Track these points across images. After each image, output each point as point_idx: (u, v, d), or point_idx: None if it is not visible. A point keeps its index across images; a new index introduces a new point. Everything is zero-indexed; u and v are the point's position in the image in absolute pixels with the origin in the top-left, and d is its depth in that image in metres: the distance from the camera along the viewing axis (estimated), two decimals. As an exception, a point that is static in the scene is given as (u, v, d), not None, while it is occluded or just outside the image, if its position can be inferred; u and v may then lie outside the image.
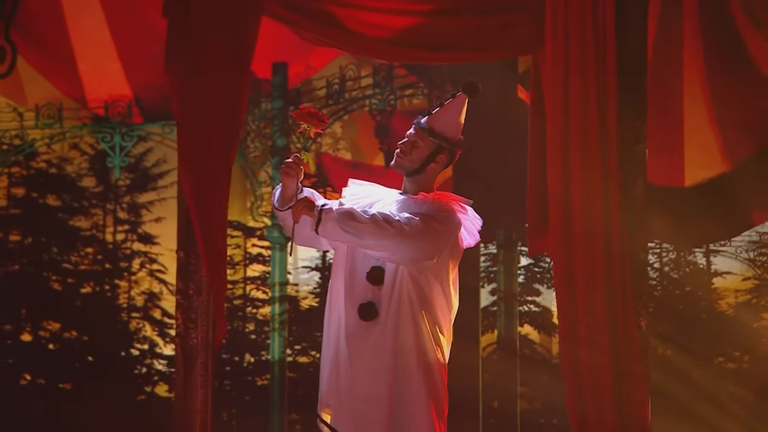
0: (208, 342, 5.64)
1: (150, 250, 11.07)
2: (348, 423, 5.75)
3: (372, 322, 5.65)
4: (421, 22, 5.62)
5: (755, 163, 8.76)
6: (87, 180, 10.98)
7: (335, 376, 5.76)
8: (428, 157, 5.76)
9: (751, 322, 10.26)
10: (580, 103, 5.53)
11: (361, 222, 5.56)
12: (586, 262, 5.53)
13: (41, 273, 10.71)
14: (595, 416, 5.55)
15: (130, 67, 10.33)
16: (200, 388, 5.63)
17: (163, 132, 10.54)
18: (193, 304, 5.60)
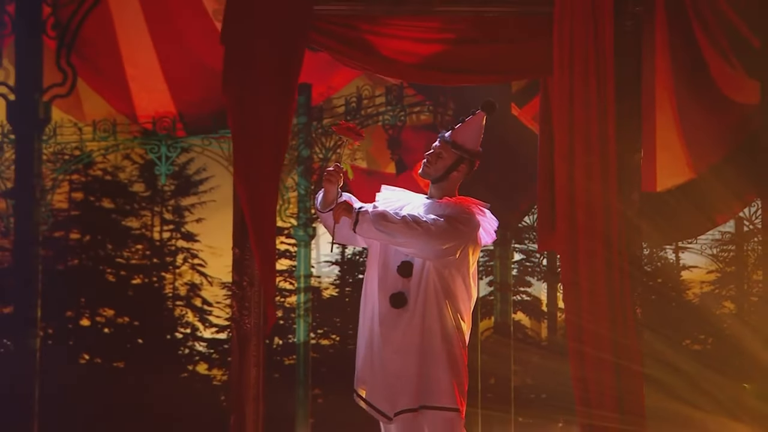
0: (260, 327, 5.65)
1: (192, 247, 11.03)
2: (381, 397, 5.75)
3: (402, 309, 5.65)
4: (445, 50, 5.64)
5: (717, 173, 8.77)
6: (137, 185, 10.94)
7: (369, 356, 5.77)
8: (451, 166, 5.78)
9: (714, 310, 10.25)
10: (583, 121, 5.54)
11: (393, 222, 5.58)
12: (588, 258, 5.54)
13: (98, 267, 10.69)
14: (596, 389, 5.54)
15: (174, 87, 10.31)
16: (253, 367, 5.66)
17: (203, 144, 10.50)
18: (247, 294, 5.61)
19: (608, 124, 5.54)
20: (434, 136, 10.50)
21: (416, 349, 5.67)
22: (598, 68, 5.54)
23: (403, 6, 5.66)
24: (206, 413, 10.10)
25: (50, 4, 9.61)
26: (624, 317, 5.51)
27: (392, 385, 5.70)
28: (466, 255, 5.71)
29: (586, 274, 5.53)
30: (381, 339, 5.71)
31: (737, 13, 8.72)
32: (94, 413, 9.66)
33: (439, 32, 5.65)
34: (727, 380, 8.79)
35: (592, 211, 5.54)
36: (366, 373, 5.77)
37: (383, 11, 5.68)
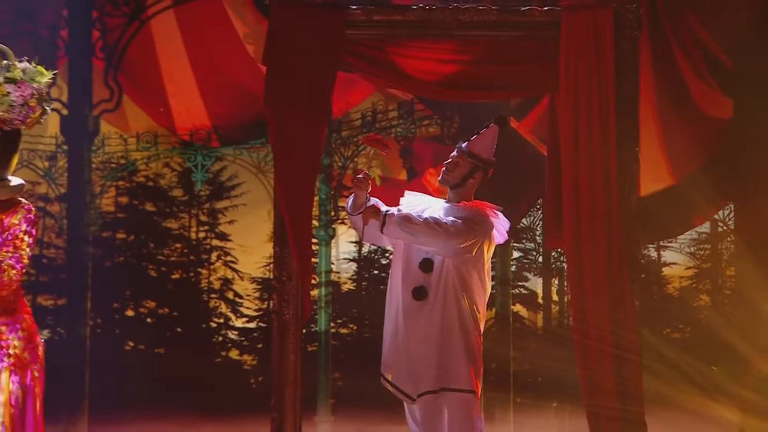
0: (297, 318, 5.62)
1: (225, 245, 10.97)
2: (405, 380, 5.77)
3: (423, 301, 5.69)
4: (462, 69, 5.62)
5: (694, 180, 8.77)
6: (176, 191, 10.88)
7: (395, 344, 5.78)
8: (467, 174, 5.82)
9: (692, 302, 10.24)
10: (586, 133, 5.52)
11: (416, 224, 5.60)
12: (592, 256, 5.51)
13: (141, 263, 10.65)
14: (599, 378, 5.52)
15: (209, 103, 10.31)
16: (291, 353, 5.62)
17: (235, 153, 10.51)
18: (286, 288, 5.58)
19: (609, 135, 5.53)
20: (441, 147, 10.59)
21: (436, 338, 5.68)
22: (600, 86, 5.52)
23: (424, 30, 5.64)
24: (237, 394, 10.09)
25: (99, 29, 9.63)
26: (624, 309, 5.50)
27: (415, 370, 5.71)
28: (482, 253, 5.73)
29: (589, 270, 5.51)
30: (405, 329, 5.72)
31: (713, 38, 8.73)
32: (137, 394, 9.63)
33: (457, 54, 5.62)
34: (703, 364, 8.78)
35: (595, 213, 5.52)
36: (392, 359, 5.78)
37: (407, 35, 5.66)
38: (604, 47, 5.52)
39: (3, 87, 4.37)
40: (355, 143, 10.27)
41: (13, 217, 4.47)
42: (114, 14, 9.61)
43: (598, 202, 5.52)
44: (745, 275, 8.65)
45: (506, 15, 5.62)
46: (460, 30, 5.60)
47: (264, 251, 10.90)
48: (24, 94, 4.41)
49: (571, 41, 5.52)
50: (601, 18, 5.51)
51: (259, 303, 10.84)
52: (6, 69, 4.44)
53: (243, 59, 10.24)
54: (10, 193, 4.51)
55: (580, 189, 5.53)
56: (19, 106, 4.40)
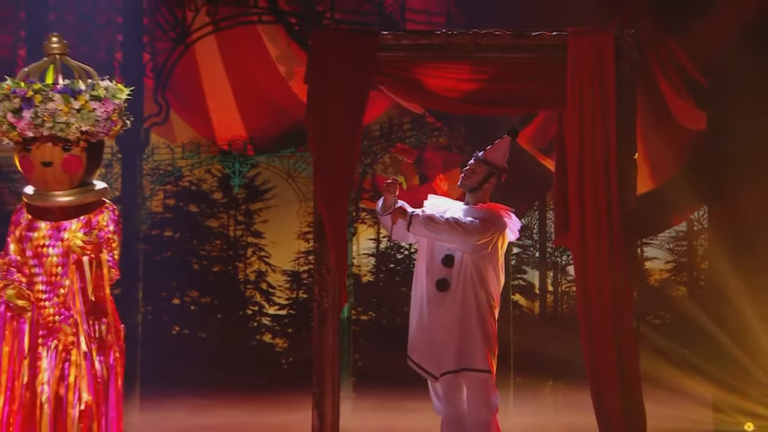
0: (335, 306, 5.58)
1: (259, 242, 10.98)
2: (429, 361, 5.76)
3: (445, 292, 5.68)
4: (480, 87, 5.56)
5: (673, 184, 8.75)
6: (216, 194, 10.90)
7: (420, 329, 5.76)
8: (483, 179, 5.82)
9: (671, 292, 10.25)
10: (590, 144, 5.47)
11: (439, 224, 5.59)
12: (595, 253, 5.45)
13: (186, 258, 10.67)
14: (602, 361, 5.48)
15: (245, 117, 10.31)
16: (330, 338, 5.57)
17: (268, 161, 10.51)
18: (325, 280, 5.53)
19: (610, 146, 5.49)
20: (450, 155, 10.53)
21: (456, 324, 5.67)
22: (602, 102, 5.49)
23: (447, 53, 5.60)
24: (270, 372, 10.10)
25: (149, 52, 9.63)
26: (623, 299, 5.47)
27: (438, 352, 5.69)
28: (496, 249, 5.72)
29: (593, 265, 5.47)
30: (429, 316, 5.71)
31: (690, 60, 8.71)
32: (183, 372, 9.64)
33: (475, 73, 5.58)
34: (680, 347, 8.76)
35: (598, 214, 5.49)
36: (417, 343, 5.76)
37: (432, 57, 5.62)
38: (606, 68, 5.48)
39: (89, 104, 4.37)
40: (374, 152, 10.26)
41: (99, 216, 4.48)
42: (162, 39, 9.62)
43: (600, 205, 5.47)
44: (717, 269, 8.63)
45: (519, 39, 5.56)
46: (478, 52, 5.55)
47: (293, 247, 10.90)
48: (107, 110, 4.42)
49: (576, 63, 5.48)
50: (603, 42, 5.47)
51: (289, 293, 10.83)
52: (91, 87, 4.44)
53: (275, 78, 10.24)
54: (97, 195, 4.53)
55: (584, 193, 5.49)
56: (104, 120, 4.41)
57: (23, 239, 4.44)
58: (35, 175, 4.40)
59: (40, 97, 4.32)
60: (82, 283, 4.28)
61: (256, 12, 9.66)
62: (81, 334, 4.31)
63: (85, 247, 4.31)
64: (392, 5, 9.70)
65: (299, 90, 10.19)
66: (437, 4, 9.71)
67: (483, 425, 5.72)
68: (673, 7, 8.67)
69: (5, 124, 4.33)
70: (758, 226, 8.10)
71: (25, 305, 4.35)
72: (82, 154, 4.41)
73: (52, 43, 4.55)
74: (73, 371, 4.32)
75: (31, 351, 4.33)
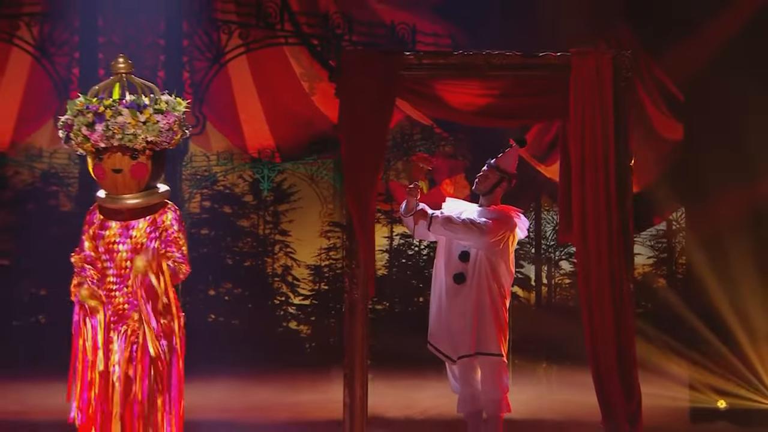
0: (364, 297, 5.56)
1: (285, 239, 10.99)
2: (447, 345, 5.76)
3: (462, 285, 5.67)
4: (493, 101, 5.56)
5: (654, 188, 8.73)
6: (247, 197, 10.91)
7: (438, 318, 5.76)
8: (495, 184, 5.82)
9: (652, 284, 10.25)
10: (591, 151, 5.45)
11: (456, 224, 5.58)
12: (596, 249, 5.43)
13: (220, 253, 10.68)
14: (602, 346, 5.46)
15: (273, 128, 10.33)
16: (360, 325, 5.54)
17: (293, 167, 10.55)
18: (355, 273, 5.50)
19: (609, 153, 5.48)
20: (455, 162, 10.48)
21: (472, 313, 5.67)
22: (602, 115, 5.47)
23: (463, 71, 5.59)
24: (295, 356, 10.10)
25: (188, 71, 9.62)
26: (621, 291, 5.45)
27: (456, 338, 5.70)
28: (507, 245, 5.72)
29: (594, 260, 5.45)
30: (447, 306, 5.70)
31: (669, 78, 8.69)
32: (218, 355, 9.63)
33: (489, 89, 5.57)
34: (660, 332, 8.74)
35: (598, 214, 5.47)
36: (436, 329, 5.76)
37: (450, 75, 5.61)
38: (605, 85, 5.47)
39: (153, 117, 4.37)
40: (387, 159, 10.25)
41: (164, 216, 4.48)
42: (199, 59, 9.59)
43: (600, 205, 5.46)
44: (693, 263, 8.61)
45: (528, 59, 5.56)
46: (491, 71, 5.54)
47: (316, 244, 10.91)
48: (169, 122, 4.42)
49: (579, 80, 5.47)
50: (603, 62, 5.46)
51: (312, 285, 10.84)
52: (154, 102, 4.44)
53: (299, 93, 10.24)
54: (161, 197, 4.53)
55: (586, 195, 5.48)
56: (166, 131, 4.42)
57: (96, 237, 4.45)
58: (107, 181, 4.42)
59: (111, 112, 4.32)
60: (153, 302, 4.27)
61: (283, 35, 9.64)
62: (148, 327, 4.31)
63: (149, 265, 4.28)
64: (403, 28, 9.69)
65: (321, 103, 10.21)
66: (444, 28, 9.70)
67: (496, 403, 5.73)
68: (653, 30, 8.65)
69: (80, 136, 4.35)
70: (730, 226, 8.07)
71: (97, 305, 4.35)
72: (147, 161, 4.42)
73: (119, 64, 4.56)
74: (140, 353, 4.31)
75: (104, 342, 4.32)
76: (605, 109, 5.44)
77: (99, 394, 4.32)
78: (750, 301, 7.91)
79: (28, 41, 9.26)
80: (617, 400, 5.40)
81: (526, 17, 8.54)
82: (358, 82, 5.52)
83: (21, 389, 8.36)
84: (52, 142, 10.32)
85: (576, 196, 5.48)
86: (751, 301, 7.91)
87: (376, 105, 5.53)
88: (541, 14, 8.32)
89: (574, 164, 5.49)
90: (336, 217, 10.91)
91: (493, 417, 5.79)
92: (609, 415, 5.43)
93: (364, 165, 5.53)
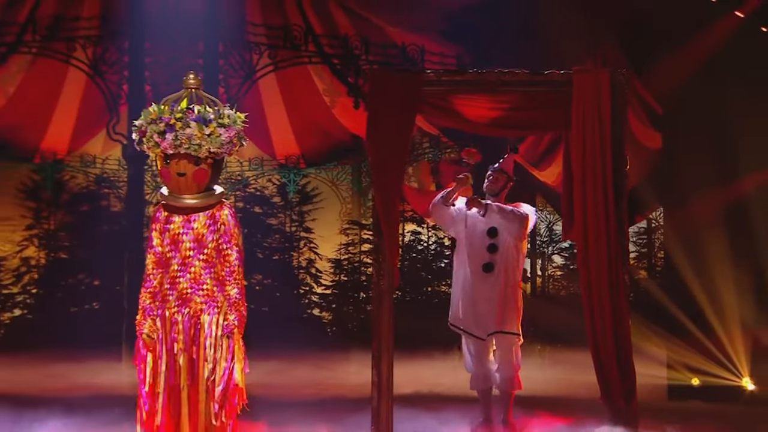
0: (390, 287, 5.53)
1: (309, 236, 10.94)
2: (474, 326, 5.82)
3: (490, 273, 5.70)
4: (503, 114, 5.54)
5: (636, 190, 8.69)
6: (275, 198, 10.86)
7: (465, 302, 5.84)
8: (503, 185, 5.82)
9: (635, 276, 10.21)
10: (591, 157, 5.42)
11: (507, 212, 5.97)
12: (595, 244, 5.40)
13: (252, 248, 10.60)
14: (601, 331, 5.43)
15: (298, 137, 10.33)
16: (386, 313, 5.53)
17: (316, 172, 10.53)
18: (381, 266, 5.48)
19: (606, 160, 5.45)
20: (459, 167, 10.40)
21: (497, 298, 5.70)
22: (601, 126, 5.45)
23: (477, 87, 5.57)
24: (318, 339, 10.05)
25: (223, 86, 9.58)
26: (617, 281, 5.42)
27: (481, 320, 5.72)
28: (526, 237, 5.79)
29: (593, 255, 5.43)
30: (475, 292, 5.71)
31: (649, 92, 8.67)
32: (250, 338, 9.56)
33: (499, 103, 5.55)
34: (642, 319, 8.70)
35: (596, 214, 5.44)
36: (461, 313, 5.81)
37: (465, 90, 5.58)
38: (603, 99, 5.44)
39: (217, 131, 4.40)
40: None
41: (221, 212, 4.51)
42: (234, 76, 9.56)
43: (599, 206, 5.43)
44: (670, 257, 8.59)
45: (534, 76, 5.53)
46: (502, 87, 5.51)
47: (336, 240, 10.87)
48: (230, 135, 4.45)
49: (580, 94, 5.45)
50: (601, 79, 5.43)
51: (333, 276, 10.79)
52: (218, 116, 4.45)
53: (321, 107, 10.23)
54: (217, 198, 4.55)
55: (586, 197, 5.46)
56: (227, 143, 4.44)
57: (163, 231, 4.46)
58: (172, 183, 4.44)
59: (180, 124, 4.35)
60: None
61: (307, 55, 9.63)
62: (211, 309, 4.31)
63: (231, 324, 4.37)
64: (413, 49, 9.68)
65: (340, 116, 10.20)
66: (449, 48, 9.69)
67: (510, 380, 5.73)
68: (635, 49, 8.63)
69: (152, 141, 4.37)
70: (703, 224, 8.05)
71: (153, 338, 4.38)
72: (208, 168, 4.44)
73: (190, 80, 4.59)
74: (202, 334, 4.31)
75: (167, 340, 4.32)
76: (603, 121, 5.42)
77: (167, 375, 4.32)
78: (722, 290, 7.88)
79: (83, 61, 9.29)
80: (614, 378, 5.37)
81: (523, 39, 8.51)
82: (385, 97, 5.49)
83: (73, 366, 8.38)
84: (104, 149, 10.34)
85: (577, 197, 5.46)
86: (723, 290, 7.88)
87: (401, 117, 5.51)
88: (537, 35, 8.29)
89: (575, 170, 5.47)
90: (354, 216, 10.87)
91: (505, 394, 5.78)
92: (607, 392, 5.41)
93: (389, 170, 5.50)
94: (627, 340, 5.43)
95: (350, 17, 9.71)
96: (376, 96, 5.52)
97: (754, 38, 7.80)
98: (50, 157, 10.17)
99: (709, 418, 6.54)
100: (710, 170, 7.86)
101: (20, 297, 10.17)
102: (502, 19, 8.57)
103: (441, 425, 5.87)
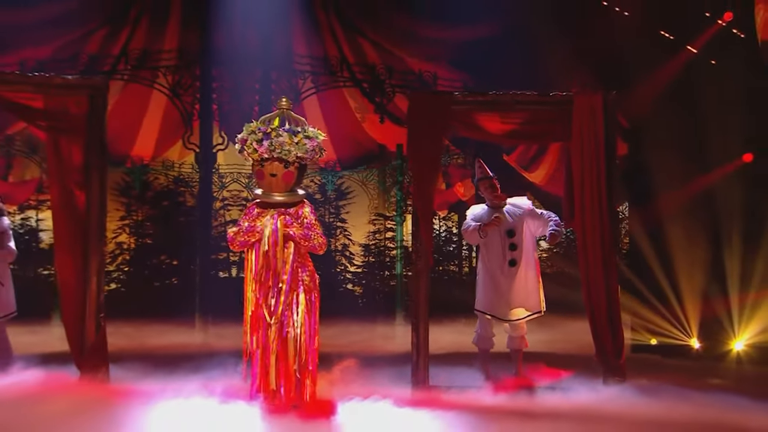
0: (426, 266, 5.49)
1: (344, 225, 10.88)
2: (501, 312, 5.68)
3: (515, 267, 5.60)
4: (516, 127, 5.50)
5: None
6: (317, 195, 10.82)
7: (492, 293, 5.66)
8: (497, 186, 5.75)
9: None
10: (588, 164, 5.41)
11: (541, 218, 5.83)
12: (592, 234, 5.40)
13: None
14: (597, 310, 5.41)
15: (335, 146, 10.27)
16: (423, 288, 5.49)
17: (350, 174, 10.44)
18: (419, 250, 5.44)
19: (600, 166, 5.43)
20: (464, 170, 10.22)
21: (521, 287, 5.60)
22: (596, 138, 5.43)
23: (496, 106, 5.54)
24: (351, 310, 9.98)
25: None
26: (610, 267, 5.40)
27: (509, 305, 5.62)
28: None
29: (590, 245, 5.42)
30: (505, 283, 5.62)
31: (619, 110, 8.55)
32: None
33: (513, 118, 5.52)
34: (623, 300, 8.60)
35: (593, 211, 5.43)
36: (494, 301, 5.67)
37: (486, 109, 5.55)
38: (597, 115, 5.43)
39: (303, 140, 4.41)
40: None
41: (303, 209, 4.52)
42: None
43: (594, 204, 5.43)
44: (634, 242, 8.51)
45: (542, 97, 5.50)
46: (516, 105, 5.49)
47: (365, 228, 10.82)
48: (313, 145, 4.46)
49: (579, 112, 5.43)
50: (596, 99, 5.42)
51: (363, 258, 10.74)
52: (304, 130, 4.45)
53: (353, 122, 10.19)
54: (301, 198, 4.54)
55: (584, 195, 5.45)
56: (311, 151, 4.43)
57: (254, 221, 4.44)
58: (264, 182, 4.46)
59: (275, 134, 4.43)
60: (294, 253, 4.23)
61: (342, 80, 9.63)
62: (292, 283, 4.29)
63: (288, 232, 4.26)
64: (428, 75, 9.64)
65: (369, 129, 10.16)
66: (456, 75, 9.66)
67: (519, 339, 5.70)
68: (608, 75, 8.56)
69: (251, 148, 4.45)
70: (662, 216, 7.98)
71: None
72: (295, 171, 4.47)
73: (282, 102, 4.63)
74: (288, 305, 4.29)
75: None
76: (598, 133, 5.40)
77: (261, 336, 4.32)
78: (678, 268, 7.83)
79: (164, 85, 9.31)
80: (607, 339, 5.36)
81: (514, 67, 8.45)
82: (422, 114, 5.46)
83: (158, 330, 8.35)
84: (180, 156, 10.33)
85: (577, 195, 5.44)
86: (678, 268, 7.83)
87: (434, 130, 5.49)
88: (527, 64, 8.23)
89: (575, 173, 5.44)
90: (379, 210, 10.83)
91: (515, 351, 5.73)
92: (601, 350, 5.39)
93: (425, 174, 5.48)
94: (617, 308, 5.42)
95: (377, 50, 9.70)
96: (414, 114, 5.48)
97: (706, 67, 7.73)
98: (138, 162, 10.25)
99: (665, 370, 6.53)
100: (668, 172, 7.82)
101: (115, 274, 10.18)
102: (497, 51, 8.54)
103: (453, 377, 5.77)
